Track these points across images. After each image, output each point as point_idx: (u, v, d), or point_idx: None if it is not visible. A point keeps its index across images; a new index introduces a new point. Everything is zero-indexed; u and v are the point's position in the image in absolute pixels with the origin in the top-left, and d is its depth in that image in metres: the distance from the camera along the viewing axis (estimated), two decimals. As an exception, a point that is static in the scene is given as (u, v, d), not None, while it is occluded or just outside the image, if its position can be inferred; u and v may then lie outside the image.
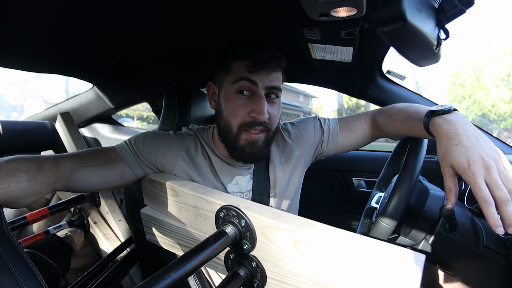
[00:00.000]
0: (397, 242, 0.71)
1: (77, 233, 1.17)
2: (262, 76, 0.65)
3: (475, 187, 0.47)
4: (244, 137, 0.68)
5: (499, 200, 0.45)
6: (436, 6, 0.54)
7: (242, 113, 0.66)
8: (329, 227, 0.46)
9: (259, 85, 0.65)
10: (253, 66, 0.64)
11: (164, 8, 0.68)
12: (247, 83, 0.65)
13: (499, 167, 0.48)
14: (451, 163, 0.51)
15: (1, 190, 0.47)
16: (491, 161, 0.48)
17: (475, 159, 0.48)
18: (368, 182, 1.40)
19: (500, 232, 0.44)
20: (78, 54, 0.99)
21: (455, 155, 0.50)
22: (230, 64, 0.67)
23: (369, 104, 1.22)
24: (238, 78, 0.65)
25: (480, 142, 0.51)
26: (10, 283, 0.42)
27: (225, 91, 0.69)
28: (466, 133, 0.52)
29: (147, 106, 1.70)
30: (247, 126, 0.67)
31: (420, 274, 0.37)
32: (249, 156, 0.69)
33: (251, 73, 0.65)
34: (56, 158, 0.59)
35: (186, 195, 0.60)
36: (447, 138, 0.53)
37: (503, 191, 0.46)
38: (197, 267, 0.41)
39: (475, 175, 0.47)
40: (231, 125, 0.67)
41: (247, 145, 0.68)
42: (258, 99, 0.65)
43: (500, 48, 13.54)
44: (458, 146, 0.51)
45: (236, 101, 0.66)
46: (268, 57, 0.65)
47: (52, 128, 1.44)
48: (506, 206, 0.45)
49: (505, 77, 12.47)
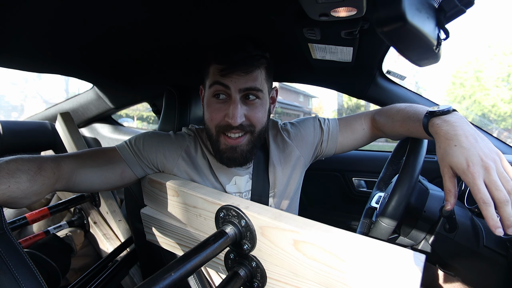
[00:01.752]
0: (397, 242, 0.71)
1: (77, 233, 1.17)
2: (235, 78, 0.64)
3: (474, 188, 0.47)
4: (223, 141, 0.68)
5: (498, 201, 0.45)
6: (436, 6, 0.54)
7: (218, 117, 0.66)
8: (329, 227, 0.46)
9: (232, 88, 0.64)
10: (224, 69, 0.63)
11: (164, 5, 0.69)
12: (220, 87, 0.65)
13: (498, 168, 0.48)
14: (450, 164, 0.51)
15: (2, 190, 0.47)
16: (490, 162, 0.48)
17: (474, 160, 0.48)
18: (368, 182, 1.40)
19: (500, 233, 0.44)
20: (78, 54, 0.99)
21: (454, 156, 0.50)
22: (208, 68, 0.67)
23: (369, 104, 1.22)
24: (212, 82, 0.65)
25: (479, 143, 0.51)
26: (10, 283, 0.42)
27: (206, 96, 0.69)
28: (465, 134, 0.52)
29: (147, 106, 1.70)
30: (223, 129, 0.67)
31: (420, 274, 0.37)
32: (229, 161, 0.69)
33: (223, 76, 0.64)
34: (56, 158, 0.59)
35: (186, 195, 0.60)
36: (446, 139, 0.53)
37: (502, 192, 0.45)
38: (197, 267, 0.41)
39: (474, 176, 0.47)
40: (210, 129, 0.69)
41: (226, 150, 0.68)
42: (232, 103, 0.64)
43: (500, 48, 13.54)
44: (457, 147, 0.51)
45: (212, 105, 0.67)
46: (240, 58, 0.63)
47: (52, 128, 1.44)
48: (505, 207, 0.45)
49: (505, 77, 12.47)
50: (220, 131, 0.67)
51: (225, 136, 0.67)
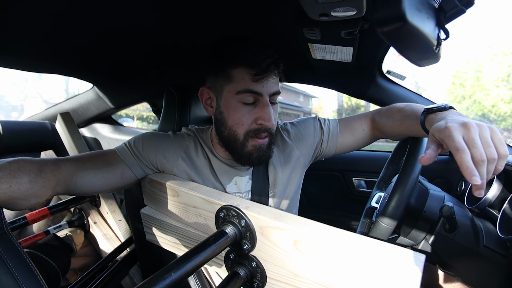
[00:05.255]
0: (397, 242, 0.71)
1: (77, 233, 1.17)
2: (265, 84, 0.64)
3: (449, 140, 0.44)
4: (251, 143, 0.68)
5: (474, 160, 0.42)
6: (436, 6, 0.54)
7: (248, 121, 0.66)
8: (329, 227, 0.46)
9: (264, 94, 0.65)
10: (257, 74, 0.62)
11: (164, 5, 0.68)
12: (252, 95, 0.64)
13: (482, 132, 0.44)
14: (433, 132, 0.49)
15: (3, 190, 0.47)
16: (473, 123, 0.45)
17: (453, 119, 0.47)
18: (368, 182, 1.40)
19: (476, 181, 0.40)
20: (78, 54, 0.99)
21: (437, 124, 0.49)
22: (230, 71, 0.64)
23: (369, 104, 1.22)
24: (243, 90, 0.63)
25: (467, 119, 0.48)
26: (10, 283, 0.42)
27: (226, 100, 0.66)
28: (453, 118, 0.50)
29: (147, 106, 1.70)
30: (253, 133, 0.67)
31: (420, 274, 0.37)
32: (258, 160, 0.69)
33: (255, 82, 0.63)
34: (57, 161, 0.59)
35: (186, 195, 0.60)
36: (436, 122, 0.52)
37: (479, 150, 0.42)
38: (197, 267, 0.41)
39: (450, 129, 0.45)
40: (237, 134, 0.67)
41: (254, 151, 0.68)
42: (265, 107, 0.65)
43: (500, 48, 13.53)
44: (443, 121, 0.49)
45: (241, 111, 0.65)
46: (269, 62, 0.63)
47: (52, 128, 1.44)
48: (480, 168, 0.41)
49: (505, 77, 12.46)
50: (249, 135, 0.67)
51: (254, 139, 0.67)
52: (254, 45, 0.64)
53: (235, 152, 0.69)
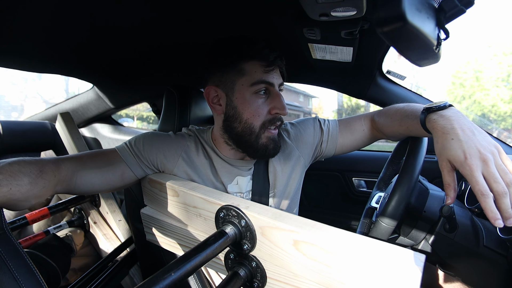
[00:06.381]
0: (397, 242, 0.71)
1: (77, 233, 1.17)
2: (275, 74, 0.69)
3: (472, 180, 0.47)
4: (266, 135, 0.70)
5: (497, 194, 0.45)
6: (436, 6, 0.54)
7: (264, 112, 0.68)
8: (329, 227, 0.46)
9: (275, 85, 0.69)
10: (268, 65, 0.67)
11: (165, 5, 0.68)
12: (265, 85, 0.68)
13: (497, 161, 0.48)
14: (448, 158, 0.51)
15: (3, 192, 0.47)
16: (488, 154, 0.48)
17: (472, 152, 0.48)
18: (368, 182, 1.40)
19: (499, 224, 0.44)
20: (78, 54, 0.99)
21: (452, 150, 0.50)
22: (241, 65, 0.67)
23: (369, 104, 1.23)
24: (257, 81, 0.66)
25: (476, 136, 0.51)
26: (10, 283, 0.43)
27: (240, 94, 0.68)
28: (462, 127, 0.52)
29: (147, 106, 1.70)
30: (269, 123, 0.69)
31: (420, 274, 0.37)
32: (273, 152, 0.72)
33: (266, 73, 0.67)
34: (57, 161, 0.59)
35: (186, 195, 0.60)
36: (443, 133, 0.53)
37: (500, 184, 0.45)
38: (197, 267, 0.41)
39: (472, 168, 0.47)
40: (254, 126, 0.69)
41: (269, 142, 0.70)
42: (277, 97, 0.69)
43: (500, 48, 13.53)
44: (454, 140, 0.51)
45: (256, 102, 0.68)
46: (276, 55, 0.67)
47: (52, 128, 1.44)
48: (503, 199, 0.45)
49: (505, 77, 12.47)
50: (266, 125, 0.69)
51: (268, 130, 0.70)
52: (259, 41, 0.68)
53: (250, 146, 0.71)
